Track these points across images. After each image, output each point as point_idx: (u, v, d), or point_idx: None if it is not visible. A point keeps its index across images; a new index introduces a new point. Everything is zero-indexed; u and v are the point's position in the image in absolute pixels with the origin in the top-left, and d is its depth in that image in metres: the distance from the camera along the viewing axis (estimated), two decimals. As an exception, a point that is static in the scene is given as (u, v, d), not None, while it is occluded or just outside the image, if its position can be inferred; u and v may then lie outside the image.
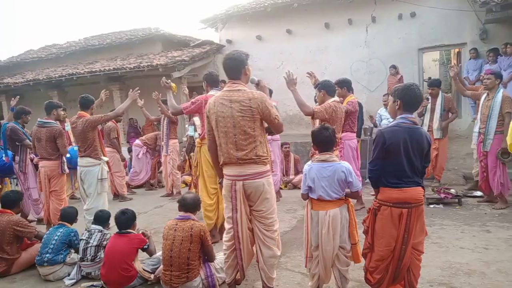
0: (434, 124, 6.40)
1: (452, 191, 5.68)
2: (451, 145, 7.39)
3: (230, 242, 3.02)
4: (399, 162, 2.60)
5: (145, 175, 8.06)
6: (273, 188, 3.07)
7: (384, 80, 9.54)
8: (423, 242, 2.75)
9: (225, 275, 3.27)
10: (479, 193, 5.85)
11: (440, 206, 5.50)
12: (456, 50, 10.19)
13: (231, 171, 2.93)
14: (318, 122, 4.31)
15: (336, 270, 2.90)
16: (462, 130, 8.68)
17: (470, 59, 8.59)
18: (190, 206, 3.37)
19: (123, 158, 7.35)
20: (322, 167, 2.86)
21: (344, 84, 5.34)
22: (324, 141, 2.94)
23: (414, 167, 2.63)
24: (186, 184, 7.71)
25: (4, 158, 5.95)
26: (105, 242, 3.67)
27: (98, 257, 3.64)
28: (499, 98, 5.17)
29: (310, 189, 2.91)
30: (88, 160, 4.74)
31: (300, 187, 3.20)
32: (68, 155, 5.41)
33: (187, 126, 5.71)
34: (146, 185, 8.16)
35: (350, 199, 2.96)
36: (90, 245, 3.66)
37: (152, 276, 3.45)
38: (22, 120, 5.84)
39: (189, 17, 51.87)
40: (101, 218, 3.91)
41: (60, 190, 5.07)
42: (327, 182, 2.82)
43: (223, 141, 2.90)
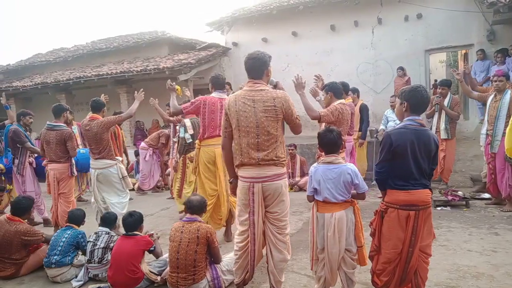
0: (441, 124, 6.37)
1: (460, 193, 5.64)
2: (458, 146, 7.34)
3: (243, 243, 3.00)
4: (406, 164, 2.59)
5: (154, 177, 8.08)
6: (288, 190, 3.06)
7: (391, 82, 9.50)
8: (430, 244, 2.73)
9: (231, 277, 3.29)
10: (487, 195, 5.80)
11: (448, 208, 5.46)
12: (463, 52, 10.14)
13: (249, 172, 2.89)
14: (325, 124, 4.31)
15: (342, 273, 2.89)
16: (469, 131, 8.61)
17: (477, 60, 8.53)
18: (196, 208, 3.38)
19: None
20: (328, 169, 2.86)
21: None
22: (329, 143, 2.94)
23: (422, 169, 2.62)
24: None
25: (4, 160, 6.03)
26: (112, 244, 3.69)
27: (105, 259, 3.66)
28: (507, 99, 5.13)
29: (316, 191, 2.91)
30: (104, 162, 4.80)
31: (306, 189, 3.20)
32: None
33: (177, 127, 5.88)
34: (153, 187, 8.19)
35: (356, 201, 2.95)
36: (97, 247, 3.68)
37: (158, 278, 3.46)
38: (23, 122, 5.88)
39: (195, 20, 52.15)
40: (107, 220, 3.93)
41: (69, 192, 5.11)
42: (333, 184, 2.82)
43: (244, 141, 2.87)
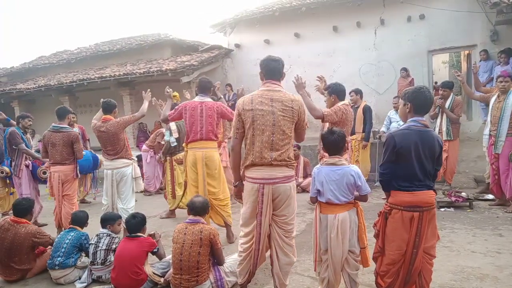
0: (443, 126, 6.35)
1: (463, 194, 5.62)
2: (462, 147, 7.31)
3: (247, 245, 3.01)
4: (410, 166, 2.59)
5: (158, 178, 8.08)
6: (295, 193, 3.07)
7: (393, 83, 9.49)
8: (435, 246, 2.72)
9: (234, 279, 3.29)
10: (490, 196, 5.77)
11: (451, 209, 5.44)
12: (466, 52, 10.11)
13: (260, 173, 2.88)
14: (328, 125, 4.31)
15: (345, 274, 2.89)
16: (472, 132, 8.58)
17: (480, 60, 8.50)
18: (199, 209, 3.39)
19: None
20: (331, 171, 2.86)
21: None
22: (332, 144, 2.93)
23: (426, 170, 2.61)
24: None
25: (6, 163, 6.09)
26: (114, 246, 3.71)
27: (108, 260, 3.67)
28: (511, 99, 5.11)
29: (318, 192, 2.90)
30: (122, 161, 4.86)
31: (308, 191, 3.19)
32: None
33: (164, 130, 5.96)
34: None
35: (359, 203, 2.95)
36: (99, 249, 3.69)
37: (162, 279, 3.47)
38: (21, 125, 5.90)
39: (198, 22, 52.27)
40: (107, 220, 3.91)
41: (73, 194, 5.14)
42: (336, 185, 2.81)
43: (258, 139, 2.87)
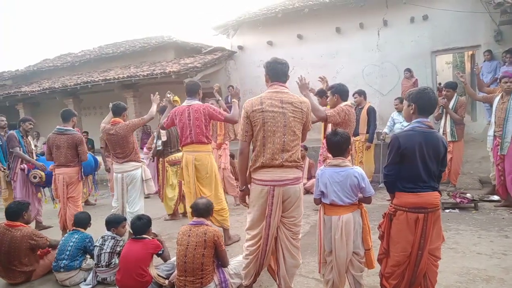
0: (447, 127, 6.32)
1: (468, 195, 5.58)
2: (466, 148, 7.28)
3: (254, 247, 3.01)
4: (414, 167, 2.58)
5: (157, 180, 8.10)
6: (303, 194, 3.06)
7: (397, 84, 9.47)
8: (440, 247, 2.71)
9: (238, 280, 3.29)
10: (496, 197, 5.73)
11: (456, 211, 5.41)
12: (470, 53, 10.07)
13: (270, 175, 2.87)
14: (331, 126, 4.30)
15: (350, 276, 2.88)
16: (477, 133, 8.54)
17: (484, 61, 8.47)
18: (202, 211, 3.39)
19: (107, 169, 7.41)
20: (334, 172, 2.85)
21: (323, 94, 5.36)
22: (336, 145, 2.93)
23: (430, 171, 2.60)
24: None
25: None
26: (118, 248, 3.71)
27: (113, 263, 3.68)
28: (515, 100, 5.08)
29: (322, 194, 2.90)
30: (132, 164, 4.86)
31: (312, 192, 3.19)
32: None
33: (154, 134, 6.11)
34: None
35: (363, 204, 2.94)
36: (103, 251, 3.70)
37: (166, 281, 3.47)
38: (22, 128, 5.88)
39: (201, 24, 52.41)
40: (112, 223, 3.92)
41: (77, 196, 5.16)
42: (340, 187, 2.81)
43: (269, 141, 2.86)
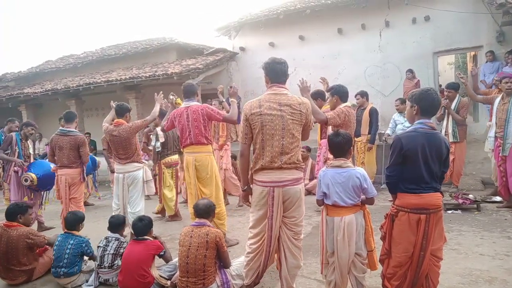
0: (449, 128, 6.31)
1: (471, 196, 5.57)
2: (469, 149, 7.26)
3: (255, 246, 3.01)
4: (417, 168, 2.58)
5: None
6: (304, 195, 3.07)
7: (399, 85, 9.46)
8: (442, 248, 2.71)
9: (240, 282, 3.29)
10: (498, 198, 5.71)
11: (458, 212, 5.40)
12: (472, 53, 10.06)
13: (270, 176, 2.89)
14: (331, 128, 4.30)
15: (352, 277, 2.87)
16: (479, 134, 8.52)
17: (486, 62, 8.46)
18: (202, 212, 3.39)
19: (112, 170, 7.42)
20: (336, 173, 2.85)
21: (318, 96, 5.29)
22: (338, 146, 2.93)
23: (432, 172, 2.60)
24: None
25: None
26: (121, 250, 3.71)
27: (116, 264, 3.67)
28: (517, 101, 5.07)
29: (325, 195, 2.90)
30: (134, 165, 4.87)
31: (314, 193, 3.19)
32: None
33: (151, 136, 6.15)
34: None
35: (366, 206, 2.94)
36: (107, 252, 3.70)
37: (168, 282, 3.47)
38: (23, 132, 5.92)
39: (203, 26, 52.51)
40: (115, 224, 3.92)
41: (80, 197, 5.20)
42: (342, 188, 2.81)
43: (268, 144, 2.87)
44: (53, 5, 52.09)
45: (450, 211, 5.40)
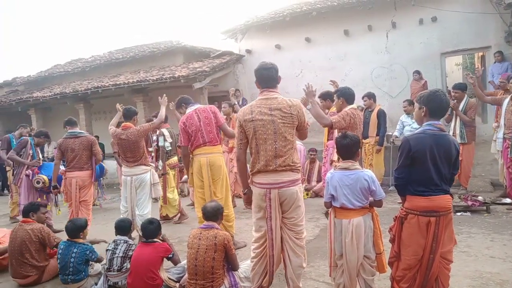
0: (457, 129, 6.26)
1: (480, 198, 5.52)
2: (477, 150, 7.19)
3: (259, 250, 3.05)
4: (426, 170, 2.56)
5: None
6: (302, 196, 3.11)
7: (406, 86, 9.42)
8: (452, 250, 2.69)
9: (249, 284, 3.29)
10: (508, 200, 5.65)
11: (468, 213, 5.36)
12: (480, 54, 9.98)
13: (266, 179, 2.96)
14: (337, 130, 4.28)
15: (361, 280, 2.86)
16: (488, 135, 8.42)
17: (495, 62, 8.38)
18: (211, 215, 3.40)
19: None
20: (344, 175, 2.85)
21: (327, 97, 5.29)
22: (345, 148, 2.93)
23: (442, 174, 2.58)
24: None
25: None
26: (130, 253, 3.72)
27: (125, 267, 3.68)
28: (526, 102, 5.03)
29: (332, 197, 2.90)
30: (142, 168, 4.92)
31: (321, 195, 3.19)
32: None
33: (154, 137, 6.15)
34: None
35: (374, 208, 2.93)
36: (116, 255, 3.70)
37: (177, 285, 3.49)
38: (36, 140, 6.17)
39: (209, 29, 52.74)
40: (123, 228, 3.94)
41: (90, 200, 5.28)
42: (350, 190, 2.81)
43: (262, 148, 2.95)
44: (61, 9, 52.72)
45: (459, 213, 5.36)
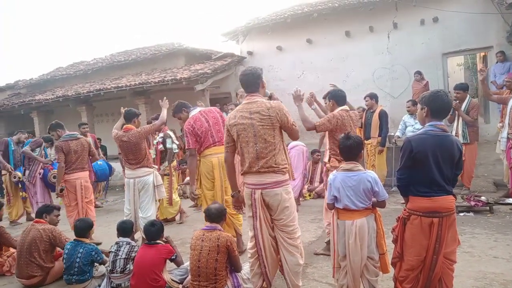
0: (459, 129, 6.25)
1: (483, 198, 5.51)
2: (480, 150, 7.18)
3: (253, 250, 3.14)
4: (428, 171, 2.56)
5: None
6: (292, 196, 3.15)
7: (408, 86, 9.40)
8: (455, 251, 2.68)
9: (252, 286, 3.30)
10: (511, 200, 5.64)
11: (471, 214, 5.34)
12: (482, 54, 9.96)
13: (252, 179, 3.07)
14: (327, 133, 4.18)
15: (365, 281, 2.86)
16: (491, 135, 8.41)
17: (497, 62, 8.37)
18: (214, 216, 3.41)
19: None
20: (347, 177, 2.85)
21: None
22: (348, 149, 2.93)
23: (444, 175, 2.58)
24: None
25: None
26: (133, 254, 3.72)
27: (128, 269, 3.68)
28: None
29: (335, 198, 2.90)
30: (144, 170, 4.94)
31: (323, 196, 3.19)
32: None
33: (159, 138, 6.19)
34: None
35: (377, 209, 2.93)
36: (119, 257, 3.70)
37: (180, 286, 3.50)
38: (44, 144, 6.69)
39: (210, 31, 52.82)
40: (125, 230, 3.95)
41: (92, 199, 5.39)
42: (352, 191, 2.81)
43: (245, 150, 3.05)
44: (63, 12, 52.94)
45: (462, 214, 5.34)
